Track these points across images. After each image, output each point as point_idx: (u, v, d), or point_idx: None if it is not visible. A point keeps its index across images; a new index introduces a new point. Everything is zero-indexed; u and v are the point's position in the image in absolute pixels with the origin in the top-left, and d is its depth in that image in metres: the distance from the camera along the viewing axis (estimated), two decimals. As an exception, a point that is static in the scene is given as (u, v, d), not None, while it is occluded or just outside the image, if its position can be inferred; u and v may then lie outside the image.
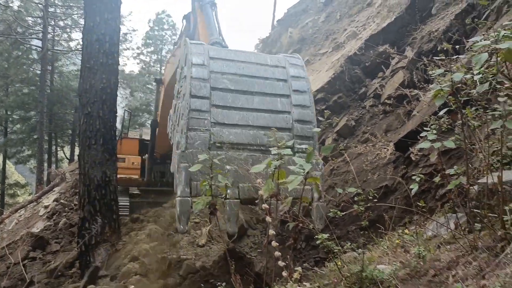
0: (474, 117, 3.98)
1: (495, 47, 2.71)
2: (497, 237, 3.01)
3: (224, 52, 5.70)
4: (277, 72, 5.61)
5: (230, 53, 5.63)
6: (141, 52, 48.08)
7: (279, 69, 5.66)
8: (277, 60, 5.83)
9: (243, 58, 5.58)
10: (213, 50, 5.58)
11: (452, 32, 8.39)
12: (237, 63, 5.48)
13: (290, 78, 5.58)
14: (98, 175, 8.79)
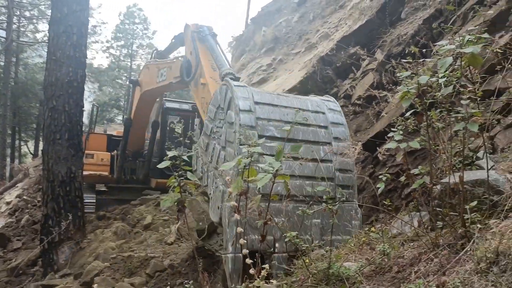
0: (438, 119, 4.11)
1: (460, 51, 2.80)
2: (457, 235, 3.11)
3: (268, 96, 5.43)
4: (318, 118, 5.42)
5: (273, 97, 5.37)
6: (110, 45, 47.01)
7: (320, 115, 5.48)
8: (317, 105, 5.65)
9: (286, 103, 5.32)
10: (257, 94, 5.28)
11: (420, 36, 8.62)
12: (281, 108, 5.21)
13: (330, 125, 5.44)
14: (63, 171, 8.55)
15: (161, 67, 9.52)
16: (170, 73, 8.91)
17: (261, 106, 5.08)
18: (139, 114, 11.88)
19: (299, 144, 2.76)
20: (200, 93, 7.25)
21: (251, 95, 5.13)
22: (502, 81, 5.00)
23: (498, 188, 3.36)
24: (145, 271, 6.08)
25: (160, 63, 9.87)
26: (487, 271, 2.44)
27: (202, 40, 7.71)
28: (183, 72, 7.94)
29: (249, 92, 5.17)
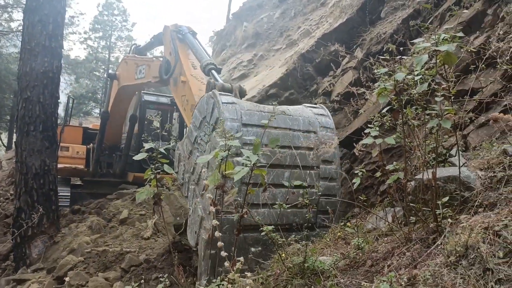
0: (414, 117, 4.19)
1: (435, 49, 2.85)
2: (429, 230, 3.19)
3: (256, 116, 4.97)
4: (309, 139, 5.25)
5: (262, 116, 4.94)
6: (88, 37, 46.07)
7: (311, 135, 5.28)
8: (309, 122, 5.41)
9: (276, 123, 4.94)
10: (245, 114, 4.92)
11: (398, 36, 8.75)
12: (271, 130, 4.86)
13: (320, 146, 5.28)
14: (37, 164, 8.35)
15: (140, 63, 9.41)
16: (149, 72, 8.83)
17: (249, 128, 4.79)
18: (116, 108, 11.72)
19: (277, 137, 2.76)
20: (180, 91, 7.18)
21: (239, 115, 4.86)
22: (475, 81, 5.13)
23: (469, 184, 3.45)
24: (120, 266, 6.00)
25: (138, 60, 9.76)
26: (457, 264, 2.50)
27: (181, 39, 7.66)
28: (162, 73, 7.88)
29: (238, 112, 4.89)
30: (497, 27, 5.89)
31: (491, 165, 3.59)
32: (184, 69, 7.14)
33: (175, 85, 7.40)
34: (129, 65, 10.25)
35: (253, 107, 5.10)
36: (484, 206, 3.11)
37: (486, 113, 5.12)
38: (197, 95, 6.63)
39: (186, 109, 6.99)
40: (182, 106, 7.17)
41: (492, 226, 2.60)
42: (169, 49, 7.75)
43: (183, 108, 7.13)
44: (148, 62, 9.14)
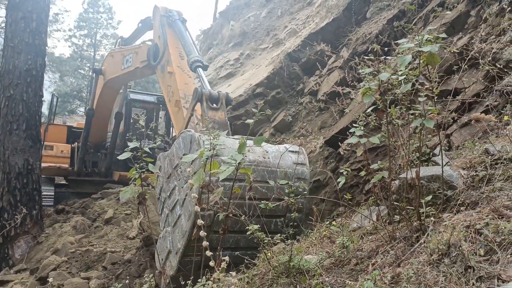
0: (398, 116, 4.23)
1: (419, 50, 2.88)
2: (413, 228, 3.22)
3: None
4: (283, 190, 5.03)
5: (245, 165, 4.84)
6: (73, 34, 45.43)
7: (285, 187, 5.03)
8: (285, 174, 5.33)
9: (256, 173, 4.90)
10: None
11: (384, 36, 8.84)
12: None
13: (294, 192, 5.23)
14: (20, 163, 8.21)
15: (127, 53, 9.23)
16: (136, 58, 8.63)
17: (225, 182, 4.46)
18: (101, 105, 11.52)
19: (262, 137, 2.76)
20: (167, 81, 7.10)
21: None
22: (458, 82, 5.21)
23: (452, 183, 3.50)
24: (102, 265, 5.92)
25: (125, 50, 9.56)
26: (439, 262, 2.54)
27: (171, 25, 7.45)
28: (150, 56, 7.69)
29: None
30: (480, 28, 5.99)
31: (473, 164, 3.65)
32: (171, 59, 7.04)
33: (162, 72, 7.30)
34: (115, 57, 10.06)
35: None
36: (466, 205, 3.16)
37: (469, 113, 5.20)
38: (182, 89, 6.60)
39: (171, 100, 6.94)
40: (168, 97, 7.11)
41: (473, 225, 2.65)
42: (158, 33, 7.59)
43: (168, 99, 7.07)
44: (135, 49, 8.92)
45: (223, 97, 5.91)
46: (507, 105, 4.49)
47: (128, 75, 9.68)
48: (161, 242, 5.22)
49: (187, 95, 6.55)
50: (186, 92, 6.63)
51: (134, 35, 10.30)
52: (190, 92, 6.59)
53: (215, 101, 5.73)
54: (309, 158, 9.30)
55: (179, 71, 6.87)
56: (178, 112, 6.60)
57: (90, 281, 4.81)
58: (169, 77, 6.97)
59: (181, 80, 6.76)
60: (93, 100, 11.82)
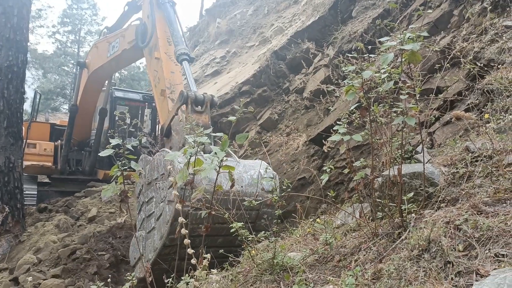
0: (382, 114, 4.27)
1: (401, 48, 2.91)
2: (395, 225, 3.26)
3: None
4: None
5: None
6: (57, 30, 44.78)
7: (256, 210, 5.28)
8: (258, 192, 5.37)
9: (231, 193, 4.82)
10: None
11: (369, 34, 8.91)
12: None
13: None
14: (1, 161, 8.06)
15: (113, 40, 9.00)
16: (123, 41, 8.40)
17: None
18: (86, 100, 11.30)
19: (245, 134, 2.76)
20: (153, 66, 7.01)
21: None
22: (441, 80, 5.28)
23: (433, 180, 3.54)
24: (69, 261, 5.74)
25: (110, 36, 9.28)
26: (419, 257, 2.57)
27: (160, 6, 7.25)
28: (138, 35, 7.48)
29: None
30: (462, 28, 6.08)
31: (454, 162, 3.70)
32: (159, 44, 6.92)
33: (150, 55, 7.18)
34: (100, 47, 9.82)
35: None
36: (447, 201, 3.21)
37: (451, 111, 5.28)
38: (168, 78, 6.56)
39: (157, 86, 6.87)
40: (154, 82, 7.04)
41: (453, 221, 2.69)
42: (147, 12, 7.40)
43: (154, 84, 7.00)
44: (122, 32, 8.65)
45: (208, 100, 5.89)
46: (487, 104, 4.57)
47: (114, 62, 9.38)
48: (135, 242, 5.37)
49: (173, 85, 6.55)
50: (171, 81, 6.61)
51: (120, 20, 9.93)
52: (176, 81, 6.59)
53: (200, 104, 5.72)
54: (297, 156, 9.33)
55: (165, 58, 6.79)
56: (163, 101, 6.55)
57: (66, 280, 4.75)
58: (156, 63, 6.91)
59: (167, 68, 6.70)
60: (76, 95, 11.60)
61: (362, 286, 2.59)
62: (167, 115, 6.32)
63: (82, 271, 5.23)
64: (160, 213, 5.09)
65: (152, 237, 5.08)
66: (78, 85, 11.50)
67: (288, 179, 5.73)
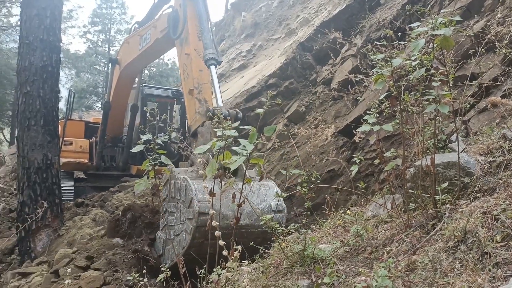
0: (413, 103, 4.16)
1: (432, 33, 2.82)
2: (429, 216, 3.18)
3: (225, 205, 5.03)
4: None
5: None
6: (88, 30, 45.95)
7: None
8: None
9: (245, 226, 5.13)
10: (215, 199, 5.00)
11: (399, 21, 8.68)
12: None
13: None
14: (39, 158, 8.35)
15: (144, 32, 9.03)
16: (155, 31, 8.38)
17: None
18: (118, 96, 11.54)
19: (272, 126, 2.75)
20: (183, 60, 7.05)
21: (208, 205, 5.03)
22: (475, 66, 5.09)
23: (468, 170, 3.43)
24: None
25: (141, 30, 9.31)
26: (455, 249, 2.50)
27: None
28: (171, 22, 7.45)
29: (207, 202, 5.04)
30: (497, 11, 5.83)
31: (491, 150, 3.57)
32: (189, 39, 6.94)
33: (180, 46, 7.20)
34: (131, 42, 9.91)
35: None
36: (483, 191, 3.10)
37: (487, 98, 5.08)
38: (196, 78, 6.64)
39: (186, 81, 6.96)
40: (183, 76, 7.11)
41: (490, 211, 2.60)
42: (180, 1, 7.29)
43: (183, 78, 7.07)
44: (153, 23, 8.61)
45: (233, 116, 6.02)
46: (526, 89, 4.38)
47: (145, 55, 9.40)
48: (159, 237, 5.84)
49: (201, 84, 6.63)
50: (200, 80, 6.68)
51: (150, 13, 9.87)
52: (204, 80, 6.65)
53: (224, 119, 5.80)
54: (325, 148, 9.25)
55: (195, 55, 6.83)
56: (191, 100, 6.64)
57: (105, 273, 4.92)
58: (186, 58, 6.96)
59: (196, 66, 6.74)
60: (109, 92, 11.86)
61: (395, 278, 2.55)
62: (194, 114, 6.43)
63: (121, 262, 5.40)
64: (179, 233, 5.42)
65: (170, 248, 5.48)
66: (111, 82, 11.75)
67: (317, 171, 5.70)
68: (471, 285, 2.10)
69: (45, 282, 5.32)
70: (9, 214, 11.30)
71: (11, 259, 8.54)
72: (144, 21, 10.04)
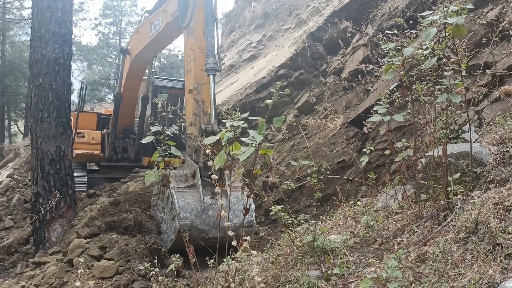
0: (425, 93, 4.10)
1: (444, 22, 2.76)
2: (440, 207, 3.15)
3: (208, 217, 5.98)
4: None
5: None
6: (99, 23, 46.09)
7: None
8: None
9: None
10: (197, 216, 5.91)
11: (411, 10, 8.53)
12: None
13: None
14: (52, 149, 8.45)
15: (154, 19, 9.04)
16: (166, 16, 8.37)
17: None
18: (129, 87, 11.57)
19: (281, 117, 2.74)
20: (188, 52, 7.13)
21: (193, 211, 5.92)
22: (489, 55, 4.99)
23: (481, 160, 3.39)
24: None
25: (152, 17, 9.25)
26: (466, 240, 2.48)
27: None
28: (181, 6, 7.41)
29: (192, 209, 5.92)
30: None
31: (504, 140, 3.52)
32: (196, 33, 6.97)
33: (188, 34, 7.22)
34: (142, 31, 9.91)
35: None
36: (496, 182, 3.06)
37: (501, 87, 4.99)
38: (197, 78, 6.79)
39: (188, 74, 7.10)
40: (186, 67, 7.24)
41: (502, 202, 2.56)
42: None
43: (187, 70, 7.19)
44: (163, 8, 8.57)
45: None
46: (541, 78, 4.28)
47: (156, 41, 9.38)
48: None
49: (200, 84, 6.79)
50: (200, 81, 6.82)
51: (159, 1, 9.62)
52: (204, 80, 6.75)
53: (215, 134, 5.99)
54: (336, 139, 9.19)
55: (198, 54, 6.85)
56: (189, 100, 6.83)
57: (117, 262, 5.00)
58: (191, 53, 7.01)
59: (198, 66, 6.80)
60: (120, 83, 11.90)
61: (406, 269, 2.54)
62: (190, 114, 6.78)
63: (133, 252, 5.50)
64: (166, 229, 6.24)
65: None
66: (122, 73, 11.77)
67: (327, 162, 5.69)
68: (482, 276, 2.08)
69: (59, 272, 5.42)
70: (24, 205, 11.51)
71: (26, 249, 8.70)
72: (154, 9, 9.97)
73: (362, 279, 2.60)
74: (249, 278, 2.85)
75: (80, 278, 4.57)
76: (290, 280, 2.96)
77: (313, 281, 2.85)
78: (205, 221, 5.94)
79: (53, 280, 5.29)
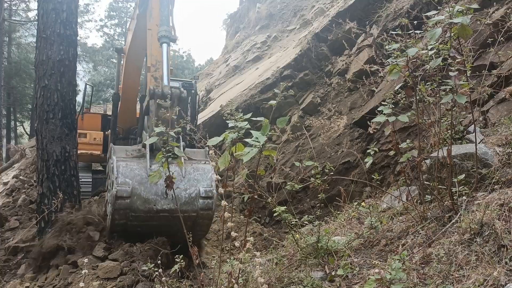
0: (430, 93, 4.08)
1: (449, 22, 2.75)
2: (445, 208, 3.13)
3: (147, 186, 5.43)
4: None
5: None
6: (104, 24, 46.32)
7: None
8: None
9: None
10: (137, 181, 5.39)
11: (415, 10, 8.50)
12: None
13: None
14: (57, 150, 8.49)
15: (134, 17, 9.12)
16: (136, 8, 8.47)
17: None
18: (126, 86, 11.52)
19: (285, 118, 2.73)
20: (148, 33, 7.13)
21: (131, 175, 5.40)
22: (494, 56, 4.96)
23: (486, 161, 3.37)
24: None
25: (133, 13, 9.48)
26: (471, 241, 2.46)
27: None
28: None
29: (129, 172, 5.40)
30: (518, -2, 5.65)
31: (509, 141, 3.49)
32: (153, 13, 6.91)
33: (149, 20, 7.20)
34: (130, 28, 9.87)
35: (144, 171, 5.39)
36: (501, 183, 3.04)
37: (506, 88, 4.96)
38: (155, 55, 6.76)
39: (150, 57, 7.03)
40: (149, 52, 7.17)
41: (507, 203, 2.54)
42: None
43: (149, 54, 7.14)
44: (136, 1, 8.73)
45: (176, 96, 5.99)
46: (548, 78, 4.25)
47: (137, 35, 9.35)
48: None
49: (158, 62, 6.70)
50: (158, 58, 6.76)
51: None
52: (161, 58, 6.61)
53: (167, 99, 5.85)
54: (340, 140, 9.17)
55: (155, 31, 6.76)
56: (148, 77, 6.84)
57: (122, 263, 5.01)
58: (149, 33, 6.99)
59: (156, 43, 6.71)
60: (117, 83, 11.89)
61: (410, 270, 2.52)
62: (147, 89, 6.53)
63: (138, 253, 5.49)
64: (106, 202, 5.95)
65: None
66: (118, 72, 11.78)
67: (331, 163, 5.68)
68: (486, 278, 2.06)
69: (64, 273, 5.44)
70: (29, 206, 11.58)
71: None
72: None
73: (366, 280, 2.58)
74: (253, 279, 2.85)
75: (84, 278, 4.58)
76: (294, 281, 2.95)
77: (317, 282, 2.84)
78: (151, 190, 5.19)
79: (57, 282, 5.31)
